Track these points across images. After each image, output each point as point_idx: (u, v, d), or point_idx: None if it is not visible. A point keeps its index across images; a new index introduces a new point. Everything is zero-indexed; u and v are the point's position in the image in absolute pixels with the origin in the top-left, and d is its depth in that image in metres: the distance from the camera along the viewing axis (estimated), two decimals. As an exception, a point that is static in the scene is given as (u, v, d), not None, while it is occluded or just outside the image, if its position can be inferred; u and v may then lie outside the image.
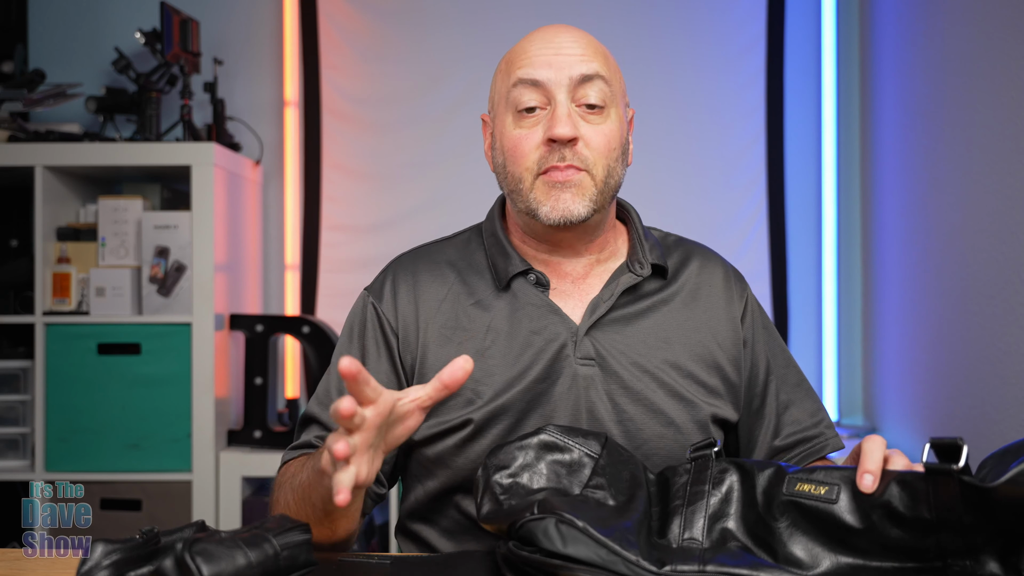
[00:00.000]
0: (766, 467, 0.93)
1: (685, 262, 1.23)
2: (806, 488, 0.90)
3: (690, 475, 0.94)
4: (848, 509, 0.87)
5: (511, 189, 1.15)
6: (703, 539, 0.89)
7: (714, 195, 2.83)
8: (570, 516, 0.83)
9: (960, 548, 0.83)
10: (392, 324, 1.18)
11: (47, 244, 2.44)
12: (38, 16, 2.82)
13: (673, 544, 0.88)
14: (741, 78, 2.83)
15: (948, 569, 0.83)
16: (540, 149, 1.11)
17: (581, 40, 1.14)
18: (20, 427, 2.47)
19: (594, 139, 1.11)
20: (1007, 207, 1.82)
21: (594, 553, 0.81)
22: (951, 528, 0.83)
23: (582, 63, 1.12)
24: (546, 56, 1.12)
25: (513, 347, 1.13)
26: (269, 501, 1.15)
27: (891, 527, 0.85)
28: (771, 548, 0.88)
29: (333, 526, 1.02)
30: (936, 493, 0.83)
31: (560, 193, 1.11)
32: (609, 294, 1.16)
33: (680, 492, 0.93)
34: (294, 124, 2.83)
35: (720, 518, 0.91)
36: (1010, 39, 1.81)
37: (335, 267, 2.83)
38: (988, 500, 0.80)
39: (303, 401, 2.71)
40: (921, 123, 2.32)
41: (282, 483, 1.11)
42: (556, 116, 1.10)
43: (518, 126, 1.13)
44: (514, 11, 2.82)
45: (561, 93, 1.11)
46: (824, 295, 2.84)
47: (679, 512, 0.91)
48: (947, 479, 0.82)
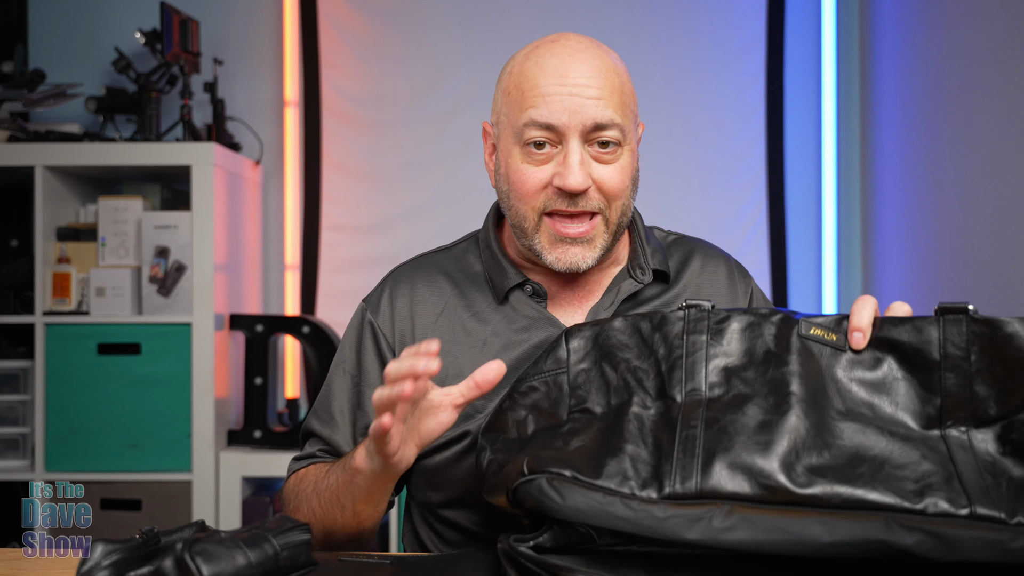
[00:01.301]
0: (772, 313, 0.92)
1: (686, 262, 1.21)
2: (819, 333, 0.90)
3: (685, 322, 0.92)
4: (859, 357, 0.88)
5: (514, 223, 1.12)
6: (705, 389, 0.88)
7: (714, 195, 2.83)
8: (557, 469, 0.83)
9: (962, 403, 0.84)
10: (388, 340, 1.17)
11: (47, 244, 2.44)
12: (38, 16, 2.82)
13: (678, 399, 0.88)
14: (741, 78, 2.83)
15: (944, 439, 0.83)
16: (548, 191, 1.08)
17: (597, 76, 1.08)
18: (20, 427, 2.47)
19: (607, 182, 1.08)
20: (1007, 207, 1.82)
21: (591, 499, 0.81)
22: (957, 370, 0.84)
23: (597, 107, 1.06)
24: (560, 97, 1.06)
25: (512, 361, 1.12)
26: (287, 511, 1.15)
27: (899, 375, 0.86)
28: (780, 380, 0.87)
29: (361, 525, 1.06)
30: (946, 331, 0.85)
31: (569, 247, 1.09)
32: (610, 302, 1.14)
33: (677, 341, 0.91)
34: (294, 124, 2.83)
35: (723, 361, 0.90)
36: (1010, 39, 1.81)
37: (335, 267, 2.83)
38: (997, 336, 0.83)
39: (303, 401, 2.72)
40: (921, 123, 2.32)
41: (300, 492, 1.12)
42: (568, 165, 1.06)
43: (525, 160, 1.08)
44: (514, 11, 2.82)
45: (574, 139, 1.06)
46: (824, 295, 2.84)
47: (679, 366, 0.90)
48: (959, 318, 0.84)
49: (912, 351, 0.87)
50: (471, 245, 1.23)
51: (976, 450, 0.82)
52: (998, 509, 0.77)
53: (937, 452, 0.82)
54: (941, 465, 0.81)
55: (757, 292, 1.24)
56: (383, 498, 1.04)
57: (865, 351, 0.88)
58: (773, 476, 0.80)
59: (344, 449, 1.16)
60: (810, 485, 0.79)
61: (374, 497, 1.03)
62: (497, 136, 1.15)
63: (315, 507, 1.08)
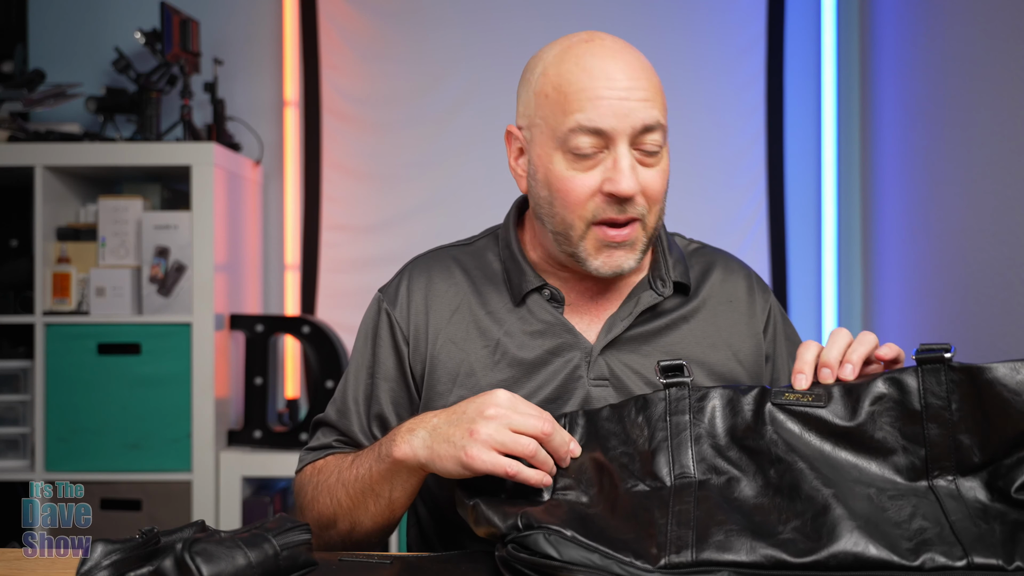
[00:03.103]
0: (748, 389, 0.93)
1: (707, 273, 1.20)
2: (793, 397, 0.90)
3: (667, 403, 0.93)
4: (837, 413, 0.88)
5: (558, 230, 1.09)
6: (695, 471, 0.88)
7: (714, 195, 2.83)
8: (557, 528, 0.83)
9: (945, 453, 0.84)
10: (404, 332, 1.17)
11: (47, 244, 2.44)
12: (38, 16, 2.82)
13: (667, 482, 0.88)
14: (741, 78, 2.83)
15: (933, 489, 0.83)
16: (597, 198, 1.06)
17: (641, 77, 1.06)
18: (20, 427, 2.47)
19: (651, 186, 1.07)
20: (1007, 207, 1.82)
21: (587, 558, 0.81)
22: (939, 420, 0.84)
23: (645, 109, 1.05)
24: (611, 102, 1.04)
25: (524, 365, 1.11)
26: (303, 502, 1.14)
27: (880, 425, 0.86)
28: (763, 452, 0.88)
29: (394, 514, 1.05)
30: (925, 382, 0.85)
31: (614, 251, 1.08)
32: (627, 312, 1.13)
33: (660, 424, 0.92)
34: (294, 124, 2.84)
35: (708, 442, 0.90)
36: (1010, 39, 1.81)
37: (335, 267, 2.83)
38: (977, 383, 0.83)
39: (303, 401, 2.72)
40: (921, 123, 2.32)
41: (320, 482, 1.11)
42: (620, 170, 1.04)
43: (571, 167, 1.06)
44: (514, 11, 2.82)
45: (623, 144, 1.04)
46: (824, 295, 2.84)
47: (664, 449, 0.90)
48: (937, 367, 0.85)
49: (893, 403, 0.87)
50: (490, 242, 1.22)
51: (965, 498, 0.83)
52: (995, 556, 0.77)
53: (927, 504, 0.82)
54: (933, 518, 0.81)
55: (775, 308, 1.22)
56: (418, 487, 1.04)
57: (845, 406, 0.88)
58: (769, 549, 0.80)
59: (359, 438, 1.16)
60: (808, 553, 0.79)
61: (411, 485, 1.02)
62: (529, 140, 1.11)
63: (341, 497, 1.06)
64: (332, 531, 1.08)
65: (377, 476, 1.02)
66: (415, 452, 0.96)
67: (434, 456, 0.94)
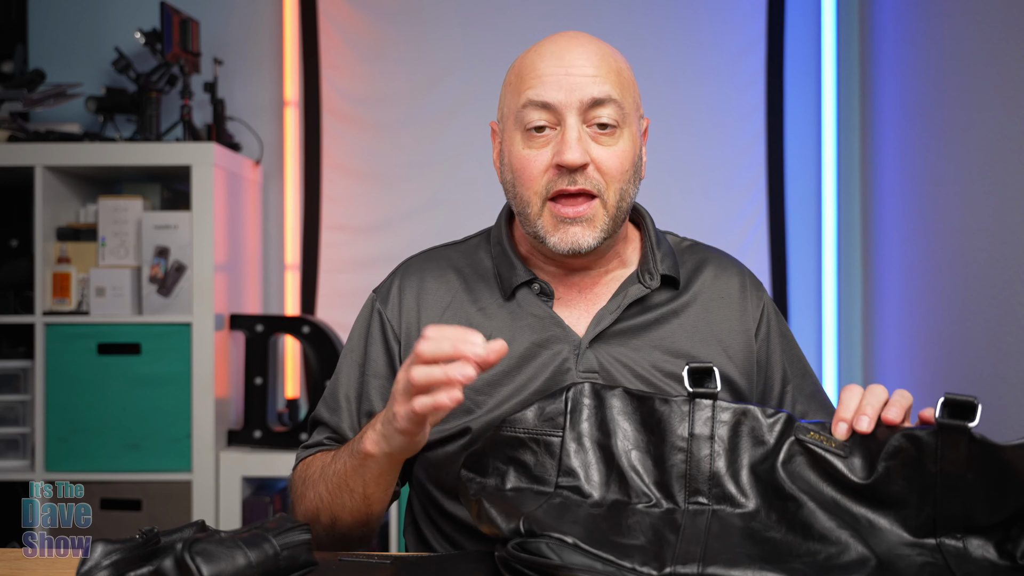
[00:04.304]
0: (774, 415, 0.92)
1: (699, 270, 1.20)
2: (819, 437, 0.90)
3: (690, 418, 0.93)
4: (854, 468, 0.87)
5: (519, 210, 1.13)
6: (709, 495, 0.89)
7: (714, 195, 2.83)
8: (559, 536, 0.83)
9: (956, 516, 0.83)
10: (395, 330, 1.19)
11: (47, 244, 2.44)
12: (38, 16, 2.82)
13: (680, 502, 0.88)
14: (741, 78, 2.83)
15: (941, 547, 0.83)
16: (549, 172, 1.08)
17: (593, 57, 1.09)
18: (20, 427, 2.47)
19: (606, 161, 1.08)
20: (1007, 207, 1.82)
21: (589, 564, 0.81)
22: (952, 487, 0.83)
23: (594, 84, 1.07)
24: (556, 76, 1.08)
25: (513, 358, 1.12)
26: (294, 497, 1.16)
27: (895, 480, 0.85)
28: (779, 487, 0.88)
29: (370, 509, 1.06)
30: (944, 447, 0.83)
31: (569, 227, 1.09)
32: (616, 305, 1.14)
33: (680, 442, 0.91)
34: (294, 124, 2.84)
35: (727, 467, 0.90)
36: (1010, 39, 1.81)
37: (335, 267, 2.83)
38: (996, 461, 0.81)
39: (303, 401, 2.72)
40: (921, 123, 2.32)
41: (308, 477, 1.13)
42: (565, 141, 1.07)
43: (527, 146, 1.10)
44: (514, 11, 2.82)
45: (571, 116, 1.07)
46: (824, 295, 2.84)
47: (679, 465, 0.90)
48: (958, 436, 0.82)
49: (909, 459, 0.86)
50: (482, 241, 1.24)
51: (973, 556, 0.82)
52: None
53: (934, 561, 0.82)
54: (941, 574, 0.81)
55: (769, 307, 1.22)
56: (392, 481, 1.05)
57: (861, 459, 0.88)
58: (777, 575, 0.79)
59: (349, 436, 1.17)
60: None
61: (384, 480, 1.04)
62: (502, 130, 1.16)
63: (322, 493, 1.08)
64: (317, 526, 1.10)
65: (351, 471, 1.04)
66: (376, 443, 0.99)
67: (383, 439, 0.98)
